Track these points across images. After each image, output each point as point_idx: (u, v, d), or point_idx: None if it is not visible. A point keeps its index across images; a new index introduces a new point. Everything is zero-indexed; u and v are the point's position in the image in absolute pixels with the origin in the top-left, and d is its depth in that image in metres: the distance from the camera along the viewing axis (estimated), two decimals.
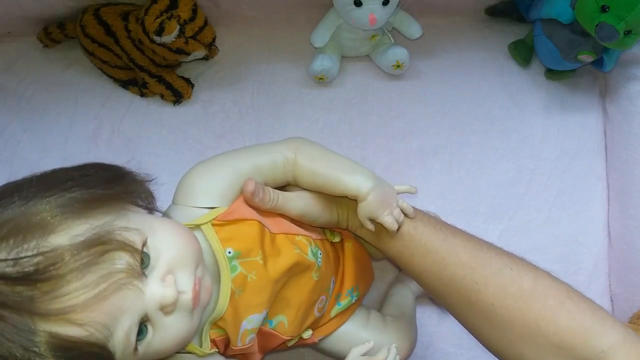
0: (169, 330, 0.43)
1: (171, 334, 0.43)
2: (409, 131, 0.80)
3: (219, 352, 0.52)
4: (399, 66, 0.78)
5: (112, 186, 0.44)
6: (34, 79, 0.81)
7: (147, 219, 0.45)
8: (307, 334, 0.58)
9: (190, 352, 0.49)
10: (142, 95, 0.80)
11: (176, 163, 0.77)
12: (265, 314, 0.52)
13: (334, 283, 0.60)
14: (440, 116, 0.81)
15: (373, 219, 0.53)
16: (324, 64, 0.77)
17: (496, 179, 0.79)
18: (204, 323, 0.49)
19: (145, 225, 0.43)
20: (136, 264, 0.40)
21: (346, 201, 0.54)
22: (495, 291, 0.50)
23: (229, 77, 0.81)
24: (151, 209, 0.49)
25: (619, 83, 0.78)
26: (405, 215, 0.54)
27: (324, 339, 0.61)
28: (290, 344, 0.58)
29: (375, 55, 0.80)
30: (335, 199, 0.56)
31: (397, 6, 0.73)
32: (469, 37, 0.84)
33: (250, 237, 0.50)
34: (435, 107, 0.81)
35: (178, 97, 0.79)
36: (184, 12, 0.68)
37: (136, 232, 0.41)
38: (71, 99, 0.80)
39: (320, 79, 0.79)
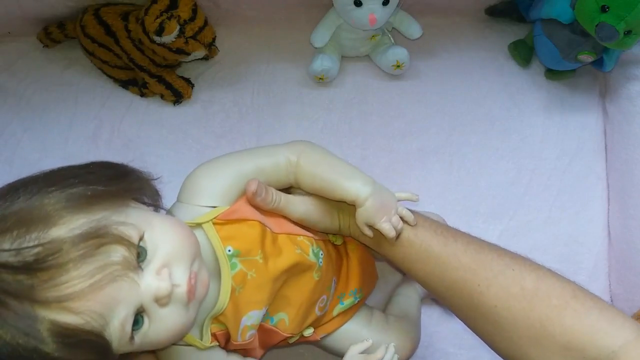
0: (164, 322, 0.44)
1: (167, 325, 0.44)
2: (409, 131, 0.80)
3: (219, 346, 0.53)
4: (399, 66, 0.78)
5: (114, 183, 0.46)
6: (34, 79, 0.81)
7: (146, 215, 0.46)
8: (308, 332, 0.58)
9: (191, 344, 0.50)
10: (142, 95, 0.80)
11: (176, 163, 0.77)
12: (265, 310, 0.53)
13: (335, 283, 0.60)
14: (440, 116, 0.81)
15: (371, 225, 0.53)
16: (324, 64, 0.77)
17: (496, 179, 0.79)
18: (205, 318, 0.50)
19: (143, 221, 0.45)
20: (132, 257, 0.42)
21: (348, 208, 0.55)
22: (497, 293, 0.50)
23: (229, 77, 0.81)
24: (157, 206, 0.51)
25: (619, 83, 0.78)
26: (406, 222, 0.54)
27: (326, 337, 0.61)
28: (291, 341, 0.58)
29: (375, 55, 0.80)
30: (337, 205, 0.56)
31: (397, 6, 0.73)
32: (469, 37, 0.84)
33: (251, 237, 0.51)
34: (435, 107, 0.81)
35: (178, 97, 0.79)
36: (184, 12, 0.68)
37: (133, 227, 0.43)
38: (71, 99, 0.80)
39: (320, 79, 0.79)
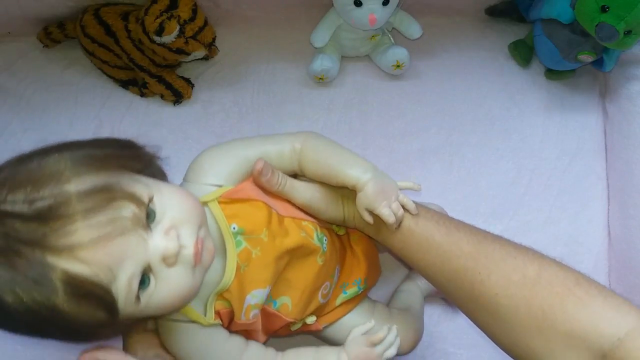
0: (170, 283, 0.45)
1: (172, 286, 0.45)
2: (409, 131, 0.80)
3: (222, 326, 0.53)
4: (399, 66, 0.78)
5: (125, 150, 0.48)
6: (34, 79, 0.81)
7: (155, 182, 0.47)
8: (310, 320, 0.58)
9: (195, 321, 0.51)
10: (142, 95, 0.80)
11: (176, 163, 0.76)
12: (269, 290, 0.53)
13: (339, 272, 0.61)
14: (440, 116, 0.81)
15: (371, 210, 0.53)
16: (324, 64, 0.77)
17: (496, 179, 0.79)
18: (210, 294, 0.51)
19: (153, 185, 0.46)
20: (142, 215, 0.43)
21: (353, 198, 0.55)
22: (499, 280, 0.49)
23: (229, 77, 0.81)
24: (162, 179, 0.51)
25: (619, 83, 0.78)
26: (407, 210, 0.54)
27: (328, 326, 0.61)
28: (293, 328, 0.58)
29: (375, 55, 0.80)
30: (342, 195, 0.57)
31: (397, 6, 0.73)
32: (469, 37, 0.84)
33: (255, 217, 0.52)
34: (435, 107, 0.81)
35: (178, 97, 0.79)
36: (184, 12, 0.68)
37: (144, 187, 0.44)
38: (71, 99, 0.80)
39: (320, 79, 0.79)
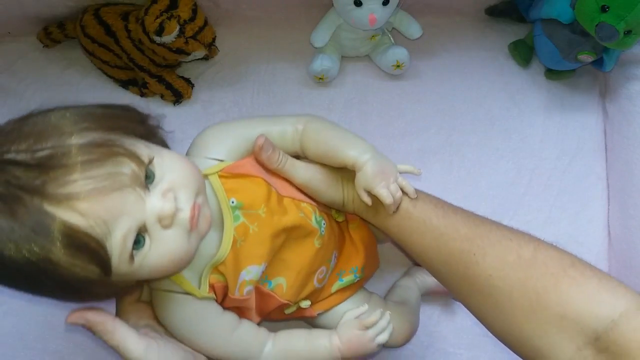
0: (165, 245, 0.45)
1: (167, 248, 0.45)
2: (409, 131, 0.80)
3: (216, 301, 0.53)
4: (399, 66, 0.78)
5: (130, 113, 0.48)
6: (34, 79, 0.81)
7: (156, 146, 0.48)
8: (305, 304, 0.58)
9: (188, 293, 0.51)
10: (142, 95, 0.80)
11: None
12: (264, 267, 0.53)
13: (335, 258, 0.61)
14: (440, 116, 0.81)
15: (369, 190, 0.53)
16: (324, 64, 0.77)
17: (496, 179, 0.79)
18: (205, 266, 0.51)
19: (154, 148, 0.47)
20: (141, 174, 0.43)
21: (353, 182, 0.55)
22: (493, 261, 0.48)
23: (229, 77, 0.81)
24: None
25: (619, 83, 0.78)
26: (405, 193, 0.54)
27: (323, 314, 0.61)
28: (287, 311, 0.58)
29: (375, 55, 0.80)
30: (342, 177, 0.57)
31: (397, 6, 0.73)
32: (469, 37, 0.84)
33: (255, 192, 0.53)
34: (435, 107, 0.81)
35: (178, 97, 0.79)
36: (184, 12, 0.68)
37: (145, 148, 0.45)
38: (71, 99, 0.80)
39: (320, 79, 0.79)
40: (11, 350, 0.72)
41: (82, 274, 0.41)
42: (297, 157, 0.58)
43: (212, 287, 0.51)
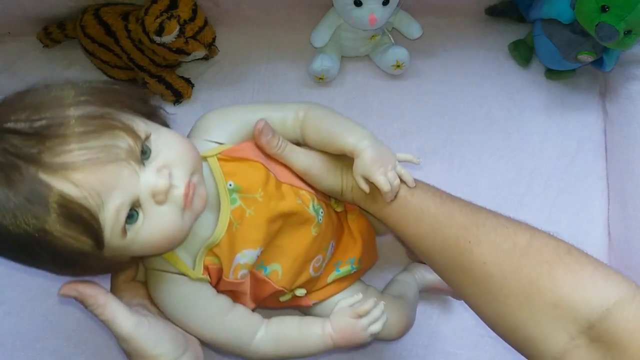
0: (158, 221, 0.45)
1: (160, 224, 0.45)
2: (409, 131, 0.80)
3: (210, 283, 0.53)
4: (399, 66, 0.78)
5: (131, 90, 0.49)
6: (34, 79, 0.79)
7: (155, 124, 0.48)
8: (300, 292, 0.58)
9: (183, 273, 0.51)
10: None
11: None
12: (259, 252, 0.53)
13: (333, 247, 0.61)
14: (440, 116, 0.81)
15: (366, 177, 0.53)
16: (324, 64, 0.77)
17: (496, 179, 0.80)
18: (200, 248, 0.51)
19: (152, 126, 0.47)
20: (137, 149, 0.43)
21: (352, 171, 0.55)
22: (488, 248, 0.48)
23: (229, 77, 0.81)
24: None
25: (619, 83, 0.78)
26: (404, 182, 0.54)
27: (318, 303, 0.61)
28: (282, 299, 0.58)
29: (375, 55, 0.80)
30: (341, 165, 0.57)
31: (397, 6, 0.73)
32: (469, 37, 0.84)
33: (252, 176, 0.53)
34: (435, 107, 0.81)
35: (178, 97, 0.79)
36: (184, 12, 0.68)
37: (143, 124, 0.45)
38: None
39: (320, 79, 0.79)
40: (11, 350, 0.72)
41: (75, 245, 0.41)
42: (298, 144, 0.58)
43: (206, 269, 0.52)
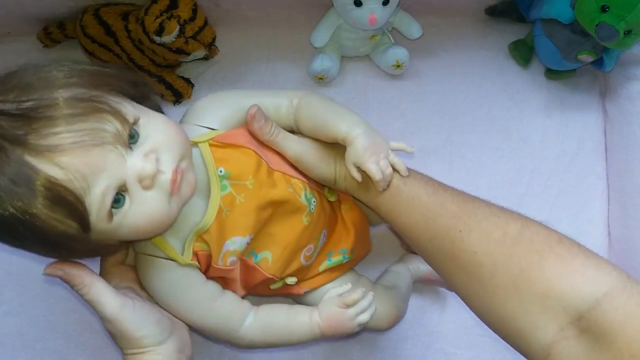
0: (145, 206, 0.45)
1: (146, 210, 0.45)
2: (409, 131, 0.80)
3: (200, 270, 0.53)
4: (399, 66, 0.78)
5: (123, 73, 0.48)
6: None
7: (145, 108, 0.48)
8: (290, 280, 0.58)
9: (172, 258, 0.51)
10: None
11: None
12: (249, 239, 0.53)
13: (325, 237, 0.60)
14: (440, 116, 0.81)
15: (358, 165, 0.53)
16: (324, 64, 0.77)
17: (496, 179, 0.80)
18: (190, 233, 0.51)
19: (142, 110, 0.47)
20: (124, 133, 0.43)
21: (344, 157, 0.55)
22: (479, 237, 0.47)
23: (229, 77, 0.81)
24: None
25: (619, 83, 0.78)
26: (396, 171, 0.54)
27: (310, 292, 0.61)
28: (273, 286, 0.58)
29: (375, 55, 0.80)
30: (334, 153, 0.56)
31: (397, 6, 0.73)
32: (469, 37, 0.84)
33: (243, 163, 0.52)
34: (435, 107, 0.81)
35: (178, 97, 0.79)
36: (184, 12, 0.68)
37: (132, 108, 0.45)
38: None
39: (320, 79, 0.79)
40: (11, 350, 0.72)
41: (61, 228, 0.41)
42: (292, 132, 0.58)
43: (195, 255, 0.52)
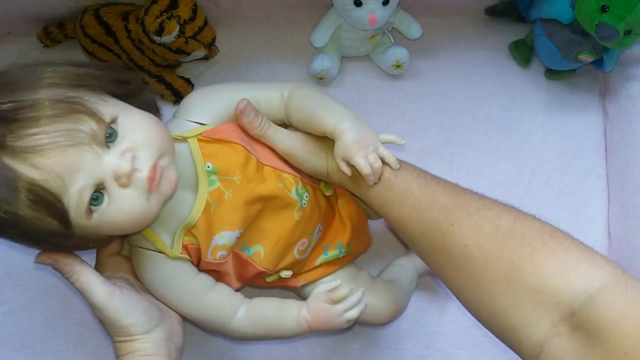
0: (123, 204, 0.45)
1: (125, 208, 0.46)
2: (409, 131, 0.80)
3: (191, 262, 0.53)
4: (399, 66, 0.78)
5: (105, 71, 0.48)
6: None
7: (126, 106, 0.48)
8: (285, 274, 0.58)
9: (161, 251, 0.51)
10: None
11: None
12: (238, 234, 0.53)
13: (320, 232, 0.60)
14: (440, 116, 0.81)
15: (347, 159, 0.52)
16: (324, 64, 0.77)
17: (496, 179, 0.79)
18: (178, 227, 0.51)
19: (121, 108, 0.47)
20: (100, 132, 0.44)
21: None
22: (470, 231, 0.47)
23: (229, 77, 0.81)
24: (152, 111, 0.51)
25: (619, 83, 0.78)
26: (387, 164, 0.53)
27: (307, 285, 0.61)
28: (269, 279, 0.59)
29: (375, 55, 0.80)
30: (326, 147, 0.56)
31: (397, 6, 0.73)
32: (469, 37, 0.84)
33: (232, 159, 0.52)
34: (435, 107, 0.81)
35: (178, 97, 0.79)
36: (184, 12, 0.68)
37: (110, 107, 0.46)
38: None
39: (320, 79, 0.79)
40: (11, 350, 0.72)
41: (42, 225, 0.42)
42: (284, 125, 0.57)
43: (185, 248, 0.52)
